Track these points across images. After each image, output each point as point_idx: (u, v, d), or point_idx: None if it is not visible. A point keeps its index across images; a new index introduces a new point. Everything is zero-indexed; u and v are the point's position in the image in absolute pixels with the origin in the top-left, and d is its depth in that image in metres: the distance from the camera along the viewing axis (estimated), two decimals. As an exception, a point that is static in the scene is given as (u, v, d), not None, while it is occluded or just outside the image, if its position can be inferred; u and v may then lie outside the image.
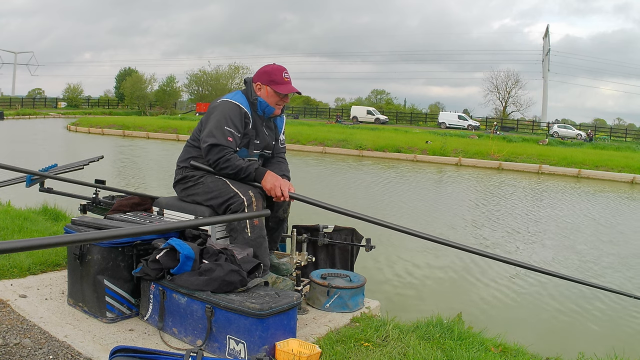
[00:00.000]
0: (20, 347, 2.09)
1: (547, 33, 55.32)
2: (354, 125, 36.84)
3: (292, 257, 2.90)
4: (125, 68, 58.69)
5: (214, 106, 2.76)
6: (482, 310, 4.94)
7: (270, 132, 2.90)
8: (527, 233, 8.61)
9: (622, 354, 2.74)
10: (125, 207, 3.18)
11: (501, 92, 52.46)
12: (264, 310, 2.04)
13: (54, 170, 3.70)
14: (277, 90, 2.75)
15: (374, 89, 70.66)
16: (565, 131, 37.76)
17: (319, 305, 2.72)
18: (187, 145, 2.85)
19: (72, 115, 41.35)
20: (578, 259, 7.02)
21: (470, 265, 6.20)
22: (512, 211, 10.61)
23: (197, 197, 2.71)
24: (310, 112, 54.93)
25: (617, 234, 9.03)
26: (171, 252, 2.29)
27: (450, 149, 21.29)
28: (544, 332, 4.52)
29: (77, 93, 54.93)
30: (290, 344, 2.11)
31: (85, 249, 2.39)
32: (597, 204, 12.56)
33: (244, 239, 2.57)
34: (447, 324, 2.55)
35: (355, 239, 3.20)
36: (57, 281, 2.86)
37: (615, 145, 31.15)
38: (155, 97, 55.38)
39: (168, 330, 2.30)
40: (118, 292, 2.39)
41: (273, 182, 2.58)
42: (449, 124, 41.19)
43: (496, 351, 2.38)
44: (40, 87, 70.67)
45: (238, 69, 55.72)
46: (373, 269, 5.61)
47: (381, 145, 21.77)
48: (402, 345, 2.27)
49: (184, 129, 25.57)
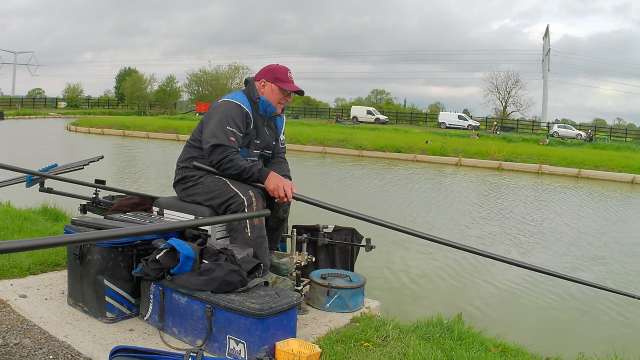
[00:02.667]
0: (20, 347, 2.09)
1: (547, 33, 55.40)
2: (354, 125, 36.84)
3: (292, 257, 2.90)
4: (125, 68, 58.86)
5: (214, 106, 2.76)
6: (482, 310, 4.94)
7: (270, 132, 2.90)
8: (527, 233, 8.60)
9: (622, 354, 2.74)
10: (125, 207, 3.17)
11: (501, 92, 52.55)
12: (264, 310, 2.04)
13: (54, 170, 3.70)
14: (283, 87, 2.76)
15: (374, 89, 70.79)
16: (565, 131, 37.76)
17: (319, 305, 2.72)
18: (187, 145, 2.85)
19: (72, 115, 41.36)
20: (578, 259, 7.01)
21: (470, 266, 6.20)
22: (512, 211, 10.61)
23: (197, 197, 2.71)
24: (310, 112, 54.92)
25: (618, 233, 9.04)
26: (171, 252, 2.29)
27: (450, 149, 21.30)
28: (544, 332, 4.51)
29: (77, 93, 54.96)
30: (290, 344, 2.11)
31: (85, 249, 2.39)
32: (597, 204, 12.56)
33: (244, 239, 2.57)
34: (447, 324, 2.55)
35: (356, 239, 3.20)
36: (57, 281, 2.86)
37: (615, 145, 31.15)
38: (155, 97, 55.38)
39: (168, 330, 2.30)
40: (118, 292, 2.39)
41: (276, 183, 2.57)
42: (449, 124, 41.19)
43: (496, 351, 2.38)
44: (40, 87, 70.81)
45: (238, 69, 55.80)
46: (373, 269, 5.61)
47: (381, 145, 21.78)
48: (402, 345, 2.27)
49: (184, 129, 25.57)
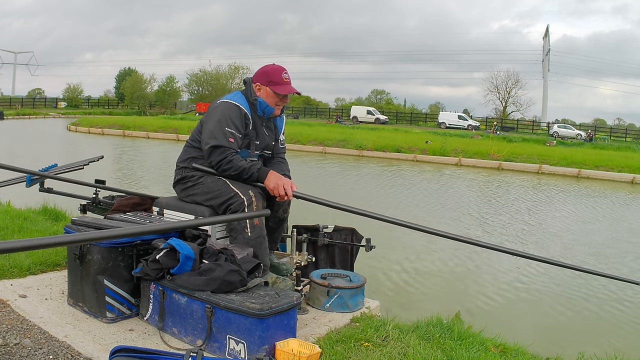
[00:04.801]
0: (20, 347, 2.09)
1: (547, 33, 55.35)
2: (354, 125, 36.82)
3: (292, 257, 2.90)
4: (126, 68, 58.79)
5: (213, 107, 2.75)
6: (482, 310, 4.94)
7: (270, 133, 2.89)
8: (527, 233, 8.60)
9: (622, 354, 2.74)
10: (125, 207, 3.18)
11: (501, 92, 52.51)
12: (264, 310, 2.04)
13: (54, 170, 3.70)
14: (277, 91, 2.74)
15: (374, 89, 70.83)
16: (565, 131, 37.74)
17: (319, 305, 2.72)
18: (186, 145, 2.84)
19: (72, 115, 41.36)
20: (578, 260, 7.01)
21: (471, 266, 6.21)
22: (512, 211, 10.61)
23: (197, 197, 2.71)
24: (310, 112, 54.90)
25: (618, 233, 9.03)
26: (171, 252, 2.29)
27: (450, 149, 21.29)
28: (544, 331, 4.51)
29: (77, 93, 54.96)
30: (290, 344, 2.11)
31: (85, 249, 2.39)
32: (598, 203, 12.56)
33: (244, 239, 2.57)
34: (447, 323, 2.55)
35: (355, 239, 3.20)
36: (57, 281, 2.86)
37: (615, 145, 31.14)
38: (155, 97, 55.35)
39: (168, 330, 2.30)
40: (118, 292, 2.39)
41: (276, 182, 2.57)
42: (449, 124, 41.17)
43: (496, 351, 2.38)
44: (40, 87, 70.77)
45: (238, 69, 55.76)
46: (373, 268, 5.61)
47: (381, 145, 21.77)
48: (402, 345, 2.27)
49: (184, 129, 25.57)
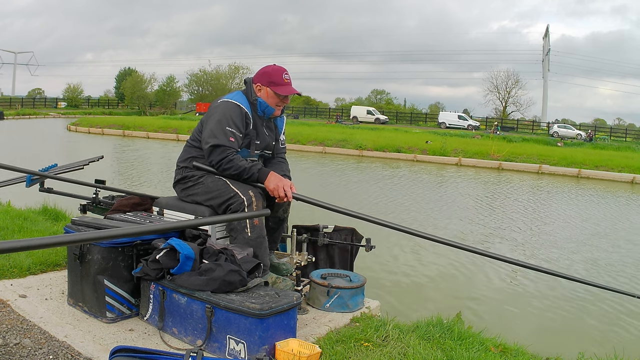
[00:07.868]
0: (20, 347, 2.09)
1: (547, 33, 55.33)
2: (354, 125, 36.82)
3: (292, 257, 2.90)
4: (126, 68, 58.81)
5: (214, 106, 2.75)
6: (482, 310, 4.94)
7: (270, 133, 2.89)
8: (528, 233, 8.60)
9: (622, 354, 2.74)
10: (125, 207, 3.17)
11: (501, 92, 52.53)
12: (264, 310, 2.04)
13: (54, 170, 3.70)
14: (277, 91, 2.74)
15: (374, 89, 70.87)
16: (565, 131, 37.74)
17: (319, 305, 2.72)
18: (187, 145, 2.85)
19: (72, 115, 41.37)
20: (578, 259, 7.01)
21: (470, 266, 6.20)
22: (512, 211, 10.61)
23: (197, 197, 2.71)
24: (310, 112, 54.90)
25: (619, 233, 9.03)
26: (171, 252, 2.29)
27: (450, 149, 21.30)
28: (544, 332, 4.51)
29: (77, 93, 54.95)
30: (290, 344, 2.11)
31: (85, 249, 2.39)
32: (598, 203, 12.56)
33: (244, 239, 2.57)
34: (447, 323, 2.55)
35: (355, 239, 3.20)
36: (57, 281, 2.86)
37: (615, 145, 31.14)
38: (155, 97, 55.35)
39: (168, 330, 2.30)
40: (118, 292, 2.39)
41: (276, 183, 2.57)
42: (449, 124, 41.17)
43: (496, 351, 2.38)
44: (40, 87, 70.77)
45: (238, 69, 55.78)
46: (373, 269, 5.61)
47: (381, 145, 21.78)
48: (402, 345, 2.27)
49: (184, 129, 25.58)
